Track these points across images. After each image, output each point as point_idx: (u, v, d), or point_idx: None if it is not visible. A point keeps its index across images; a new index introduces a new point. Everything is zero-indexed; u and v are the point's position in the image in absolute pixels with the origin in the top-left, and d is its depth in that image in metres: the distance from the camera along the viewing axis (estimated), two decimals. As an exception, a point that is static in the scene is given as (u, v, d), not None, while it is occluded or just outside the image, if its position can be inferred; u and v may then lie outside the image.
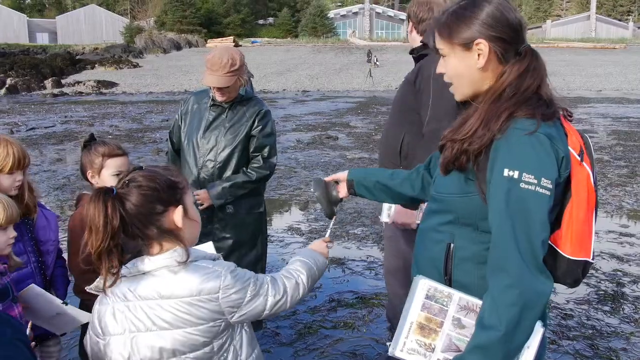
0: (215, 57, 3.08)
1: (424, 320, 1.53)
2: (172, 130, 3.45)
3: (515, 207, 1.42)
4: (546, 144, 1.44)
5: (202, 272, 1.59)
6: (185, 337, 1.57)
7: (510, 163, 1.43)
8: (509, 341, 1.41)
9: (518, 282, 1.40)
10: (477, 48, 1.55)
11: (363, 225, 6.28)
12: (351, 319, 3.97)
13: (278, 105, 21.62)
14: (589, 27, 61.94)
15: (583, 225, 1.51)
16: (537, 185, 1.42)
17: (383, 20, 65.25)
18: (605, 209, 7.07)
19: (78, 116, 17.75)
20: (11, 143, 2.31)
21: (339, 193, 2.09)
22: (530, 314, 1.41)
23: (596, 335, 3.76)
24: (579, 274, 1.54)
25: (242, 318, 1.65)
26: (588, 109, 20.42)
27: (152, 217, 1.57)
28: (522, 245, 1.40)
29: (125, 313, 1.59)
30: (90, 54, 41.61)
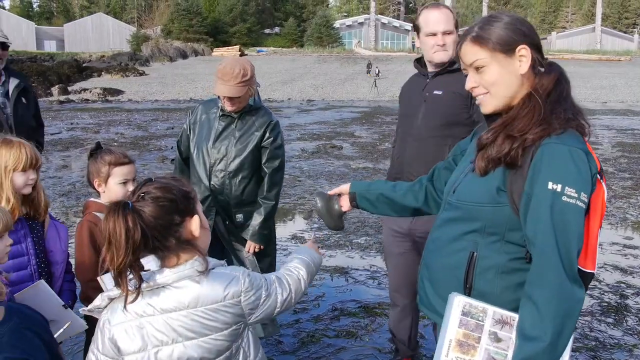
0: (227, 67, 3.10)
1: (462, 336, 1.55)
2: (180, 139, 3.46)
3: (558, 219, 1.46)
4: (584, 159, 1.50)
5: (223, 279, 1.63)
6: (211, 344, 1.60)
7: (554, 176, 1.47)
8: (554, 350, 1.44)
9: (562, 293, 1.44)
10: (520, 54, 1.59)
11: (366, 235, 6.29)
12: (354, 328, 3.97)
13: (283, 114, 21.69)
14: (594, 39, 61.99)
15: (596, 239, 1.57)
16: (577, 199, 1.47)
17: (388, 30, 65.47)
18: (610, 221, 7.06)
19: (84, 123, 17.85)
20: (24, 144, 2.40)
21: (342, 207, 2.10)
22: (570, 323, 1.45)
23: (599, 347, 3.75)
24: (587, 286, 1.57)
25: (259, 318, 1.70)
26: (593, 120, 20.41)
27: (171, 228, 1.57)
28: (564, 257, 1.45)
29: (146, 329, 1.57)
30: (97, 62, 41.87)
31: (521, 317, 1.48)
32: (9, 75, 4.01)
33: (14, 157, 2.35)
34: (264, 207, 3.30)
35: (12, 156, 2.35)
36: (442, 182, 1.97)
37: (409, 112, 3.02)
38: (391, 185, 2.07)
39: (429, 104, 2.90)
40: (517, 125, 1.55)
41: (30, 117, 4.12)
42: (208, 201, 3.26)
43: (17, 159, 2.35)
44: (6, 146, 2.37)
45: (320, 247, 5.84)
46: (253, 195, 3.30)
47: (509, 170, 1.57)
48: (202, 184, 3.26)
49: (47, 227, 2.53)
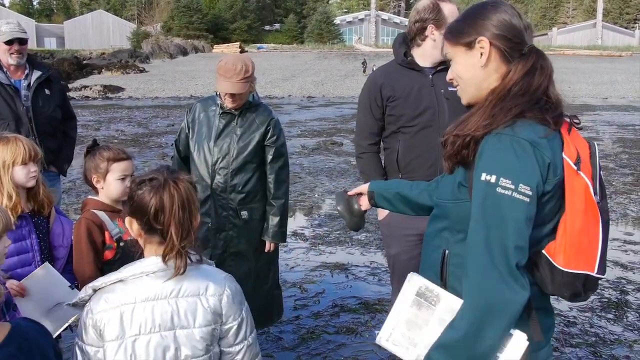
0: (228, 64, 3.10)
1: (412, 315, 1.57)
2: (178, 138, 3.43)
3: (490, 211, 1.42)
4: (528, 150, 1.42)
5: (208, 274, 1.65)
6: (187, 337, 1.59)
7: (488, 167, 1.43)
8: (470, 345, 1.41)
9: (484, 287, 1.40)
10: (479, 46, 1.59)
11: (367, 231, 6.29)
12: (354, 324, 3.98)
13: (283, 111, 21.68)
14: (595, 34, 61.86)
15: (580, 236, 1.46)
16: (514, 190, 1.40)
17: (389, 26, 65.36)
18: (610, 217, 7.04)
19: (84, 120, 17.84)
20: (20, 138, 2.42)
21: (362, 206, 2.11)
22: (495, 322, 1.40)
23: (599, 343, 3.76)
24: (577, 288, 1.49)
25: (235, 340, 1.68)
26: (594, 116, 20.39)
27: (191, 214, 1.64)
28: (495, 251, 1.39)
29: (125, 316, 1.58)
30: (97, 59, 41.85)
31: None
32: (32, 67, 4.03)
33: (11, 152, 2.36)
34: (277, 207, 3.33)
35: (9, 151, 2.36)
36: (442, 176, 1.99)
37: (426, 109, 2.93)
38: (409, 185, 2.06)
39: (452, 102, 2.81)
40: (469, 123, 1.53)
41: (54, 108, 4.06)
42: (210, 200, 3.25)
43: (15, 153, 2.37)
44: (2, 143, 2.38)
45: (320, 244, 5.84)
46: (256, 192, 3.30)
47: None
48: (204, 183, 3.25)
49: (53, 222, 2.54)
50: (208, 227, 3.27)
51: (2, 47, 3.87)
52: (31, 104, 3.93)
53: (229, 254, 3.28)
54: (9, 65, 3.92)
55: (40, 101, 3.98)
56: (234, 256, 3.29)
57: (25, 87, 3.96)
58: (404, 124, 3.00)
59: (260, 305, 3.38)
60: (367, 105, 3.09)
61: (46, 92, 4.04)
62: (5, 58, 3.91)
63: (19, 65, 3.95)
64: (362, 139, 3.16)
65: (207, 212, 3.26)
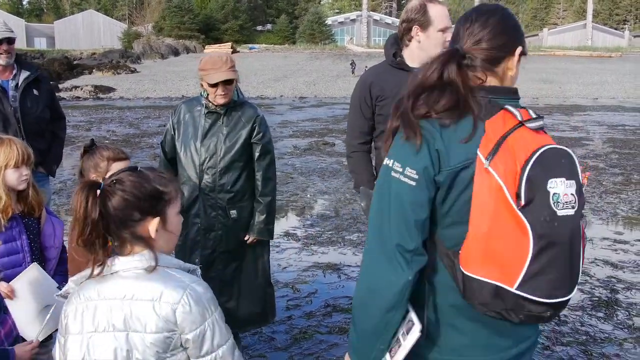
0: (214, 57, 3.16)
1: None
2: (164, 140, 3.41)
3: (381, 192, 1.49)
4: (422, 135, 1.44)
5: (167, 281, 1.58)
6: (138, 342, 1.56)
7: (390, 153, 1.52)
8: (355, 322, 1.51)
9: (367, 266, 1.48)
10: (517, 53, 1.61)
11: (359, 231, 6.30)
12: (346, 324, 3.98)
13: (275, 112, 21.66)
14: (585, 35, 62.25)
15: (489, 240, 1.35)
16: (401, 174, 1.45)
17: (381, 27, 65.46)
18: (600, 216, 7.11)
19: (75, 121, 17.74)
20: (14, 141, 2.42)
21: None
22: (374, 300, 1.45)
23: (590, 341, 3.78)
24: (484, 297, 1.37)
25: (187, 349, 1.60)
26: (584, 116, 20.52)
27: (128, 222, 1.58)
28: (381, 232, 1.46)
29: (86, 313, 1.59)
30: (88, 59, 41.63)
31: None
32: (20, 67, 3.99)
33: (5, 155, 2.37)
34: (264, 204, 3.32)
35: (3, 154, 2.37)
36: None
37: None
38: None
39: None
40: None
41: (42, 108, 4.03)
42: (199, 200, 3.25)
43: (8, 156, 2.37)
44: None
45: (312, 244, 5.83)
46: (245, 190, 3.30)
47: None
48: (192, 183, 3.25)
49: (44, 223, 2.53)
50: (198, 227, 3.26)
51: None
52: (19, 104, 3.90)
53: (218, 254, 3.29)
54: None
55: (29, 102, 3.95)
56: (223, 255, 3.30)
57: (13, 87, 3.93)
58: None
59: (253, 303, 3.39)
60: (358, 104, 3.12)
61: (34, 93, 4.01)
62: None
63: (7, 66, 3.91)
64: (353, 138, 3.19)
65: (197, 212, 3.26)
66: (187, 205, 3.26)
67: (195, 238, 3.27)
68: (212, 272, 3.29)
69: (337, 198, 8.00)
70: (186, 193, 3.26)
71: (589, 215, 7.13)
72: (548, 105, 25.13)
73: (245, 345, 3.67)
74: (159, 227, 1.61)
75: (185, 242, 3.29)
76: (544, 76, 36.95)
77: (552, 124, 17.48)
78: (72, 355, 1.59)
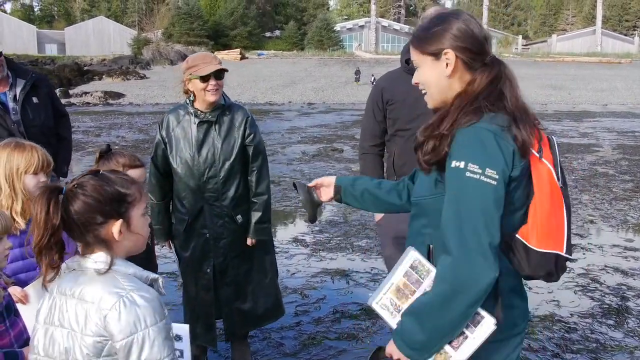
0: (201, 54, 3.21)
1: (402, 285, 1.71)
2: (154, 155, 3.31)
3: (460, 194, 1.54)
4: (491, 138, 1.55)
5: (110, 284, 1.57)
6: (76, 342, 1.57)
7: (457, 155, 1.56)
8: (435, 315, 1.54)
9: (455, 263, 1.51)
10: (445, 57, 1.69)
11: (367, 237, 6.30)
12: (355, 330, 3.98)
13: (284, 118, 21.72)
14: (594, 41, 62.01)
15: (549, 218, 1.60)
16: (482, 174, 1.52)
17: (389, 33, 65.54)
18: (610, 223, 7.06)
19: (85, 126, 17.88)
20: (36, 148, 2.48)
21: (320, 197, 2.12)
22: (461, 297, 1.50)
23: (600, 349, 3.76)
24: (550, 267, 1.62)
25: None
26: (594, 123, 20.43)
27: (91, 226, 1.59)
28: (465, 231, 1.51)
29: (44, 306, 1.65)
30: (98, 65, 41.95)
31: None
32: (15, 76, 3.90)
33: (26, 160, 2.42)
34: (259, 203, 3.32)
35: (24, 159, 2.42)
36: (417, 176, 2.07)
37: (420, 115, 2.97)
38: (376, 183, 2.11)
39: None
40: (442, 124, 1.63)
41: (45, 116, 3.95)
42: (204, 211, 3.24)
43: (29, 162, 2.43)
44: (18, 149, 2.44)
45: (321, 250, 5.84)
46: (247, 193, 3.33)
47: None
48: (196, 195, 3.23)
49: None
50: (206, 237, 3.26)
51: None
52: (21, 117, 3.82)
53: (230, 260, 3.30)
54: None
55: (30, 113, 3.87)
56: (234, 260, 3.31)
57: (11, 99, 3.83)
58: (400, 128, 3.17)
59: (267, 300, 3.45)
60: (371, 108, 3.27)
61: (34, 101, 3.91)
62: None
63: (1, 79, 3.81)
64: (364, 140, 3.34)
65: (203, 223, 3.25)
66: (193, 217, 3.25)
67: (205, 248, 3.27)
68: (227, 278, 3.31)
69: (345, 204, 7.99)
70: (189, 205, 3.25)
71: (599, 222, 7.10)
72: (557, 112, 25.05)
73: (254, 350, 3.68)
74: (122, 229, 1.62)
75: (194, 252, 3.29)
76: (553, 82, 36.85)
77: (561, 131, 17.42)
78: (34, 342, 1.65)
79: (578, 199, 8.34)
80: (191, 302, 3.41)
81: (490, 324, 1.56)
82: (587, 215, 7.40)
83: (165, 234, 3.41)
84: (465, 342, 1.57)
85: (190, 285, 3.39)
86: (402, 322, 1.62)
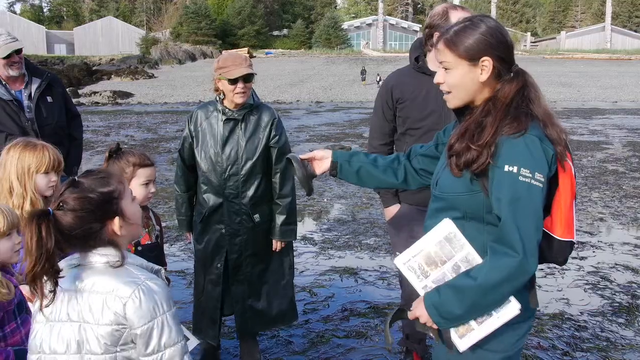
0: (232, 54, 3.19)
1: (433, 253, 1.80)
2: (182, 148, 3.38)
3: (515, 197, 1.65)
4: (537, 144, 1.68)
5: (123, 274, 1.61)
6: (88, 333, 1.59)
7: (509, 160, 1.67)
8: (479, 297, 1.68)
9: (518, 260, 1.64)
10: (483, 64, 1.75)
11: (376, 236, 6.29)
12: (364, 328, 3.98)
13: (292, 116, 21.73)
14: (604, 38, 61.61)
15: (569, 211, 1.76)
16: (532, 178, 1.66)
17: (397, 31, 65.41)
18: (621, 221, 7.02)
19: (94, 126, 17.98)
20: (47, 147, 2.50)
21: (314, 170, 2.11)
22: (509, 285, 1.67)
23: (610, 348, 3.73)
24: (567, 253, 1.80)
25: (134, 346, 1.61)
26: (603, 120, 20.29)
27: (91, 235, 1.61)
28: (521, 230, 1.64)
29: (56, 303, 1.64)
30: (107, 65, 42.19)
31: (478, 265, 1.73)
32: (31, 75, 3.95)
33: (37, 159, 2.44)
34: (283, 205, 3.34)
35: (36, 158, 2.44)
36: (420, 165, 2.12)
37: (431, 112, 3.00)
38: (372, 159, 2.14)
39: None
40: (483, 135, 1.71)
41: (58, 115, 4.00)
42: (223, 207, 3.26)
43: (40, 161, 2.44)
44: (30, 149, 2.46)
45: (329, 248, 5.83)
46: (268, 194, 3.33)
47: None
48: (216, 190, 3.25)
49: None
50: (221, 233, 3.28)
51: (0, 61, 3.76)
52: (35, 115, 3.86)
53: (244, 257, 3.31)
54: (8, 77, 3.83)
55: (44, 111, 3.91)
56: (249, 258, 3.32)
57: (26, 97, 3.89)
58: (410, 126, 3.12)
59: (282, 302, 3.46)
60: (380, 106, 3.23)
61: (48, 100, 3.97)
62: (4, 71, 3.81)
63: (18, 76, 3.86)
64: (373, 139, 3.30)
65: (220, 218, 3.28)
66: (211, 211, 3.28)
67: (219, 243, 3.29)
68: (240, 275, 3.32)
69: (353, 202, 8.00)
70: (209, 200, 3.27)
71: (609, 220, 7.06)
72: (566, 109, 24.90)
73: (263, 348, 3.68)
74: (121, 223, 1.64)
75: (207, 246, 3.31)
76: (562, 79, 36.64)
77: (570, 128, 17.31)
78: (37, 341, 1.66)
79: (588, 196, 8.29)
80: (199, 296, 3.43)
81: (515, 308, 1.71)
82: (597, 213, 7.36)
83: (188, 225, 3.45)
84: (489, 320, 1.73)
85: (199, 278, 3.41)
86: (440, 293, 1.73)
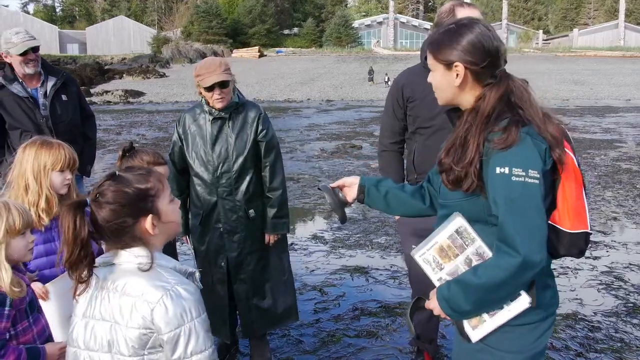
0: (207, 62, 3.19)
1: (446, 246, 1.85)
2: (172, 152, 3.42)
3: (510, 197, 1.65)
4: (527, 140, 1.68)
5: (154, 278, 1.61)
6: (118, 334, 1.60)
7: (500, 162, 1.67)
8: (484, 294, 1.70)
9: (523, 261, 1.63)
10: (456, 69, 1.78)
11: (387, 235, 6.27)
12: (374, 327, 3.96)
13: (302, 115, 21.72)
14: (617, 35, 61.02)
15: (577, 201, 1.76)
16: (526, 176, 1.65)
17: (407, 29, 65.21)
18: (635, 220, 6.94)
19: (106, 125, 18.08)
20: (63, 145, 2.53)
21: (346, 197, 2.11)
22: (512, 282, 1.68)
23: (624, 349, 3.69)
24: (582, 245, 1.78)
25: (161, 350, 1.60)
26: (616, 118, 20.09)
27: (123, 230, 1.62)
28: (521, 229, 1.63)
29: (87, 299, 1.66)
30: (119, 64, 42.44)
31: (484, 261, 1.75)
32: (47, 74, 4.00)
33: (53, 157, 2.47)
34: (274, 198, 3.34)
35: (51, 156, 2.47)
36: (437, 184, 2.08)
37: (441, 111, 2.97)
38: (400, 185, 2.14)
39: None
40: (466, 153, 1.72)
41: (72, 113, 4.05)
42: (218, 205, 3.28)
43: (56, 159, 2.47)
44: (46, 147, 2.49)
45: (340, 247, 5.82)
46: (260, 189, 3.35)
47: None
48: (210, 189, 3.28)
49: None
50: (220, 232, 3.30)
51: (17, 58, 3.82)
52: (50, 113, 3.92)
53: (244, 255, 3.32)
54: (25, 75, 3.88)
55: (59, 109, 3.96)
56: (250, 256, 3.33)
57: (42, 95, 3.94)
58: (420, 125, 3.11)
59: (286, 298, 3.47)
60: (390, 105, 3.22)
61: (63, 99, 4.02)
62: (20, 68, 3.85)
63: (34, 74, 3.90)
64: (384, 137, 3.31)
65: (217, 217, 3.29)
66: (207, 211, 3.30)
67: (219, 242, 3.31)
68: (241, 273, 3.33)
69: (364, 201, 7.97)
70: (203, 200, 3.30)
71: (623, 219, 6.98)
72: (579, 107, 24.69)
73: (274, 347, 3.68)
74: (155, 222, 1.64)
75: (209, 246, 3.33)
76: (575, 77, 36.33)
77: (583, 126, 17.16)
78: (74, 335, 1.68)
79: (601, 195, 8.21)
80: (207, 296, 3.43)
81: (525, 301, 1.73)
82: (611, 212, 7.28)
83: (183, 229, 3.47)
84: (500, 312, 1.76)
85: (207, 278, 3.42)
86: (450, 288, 1.76)
